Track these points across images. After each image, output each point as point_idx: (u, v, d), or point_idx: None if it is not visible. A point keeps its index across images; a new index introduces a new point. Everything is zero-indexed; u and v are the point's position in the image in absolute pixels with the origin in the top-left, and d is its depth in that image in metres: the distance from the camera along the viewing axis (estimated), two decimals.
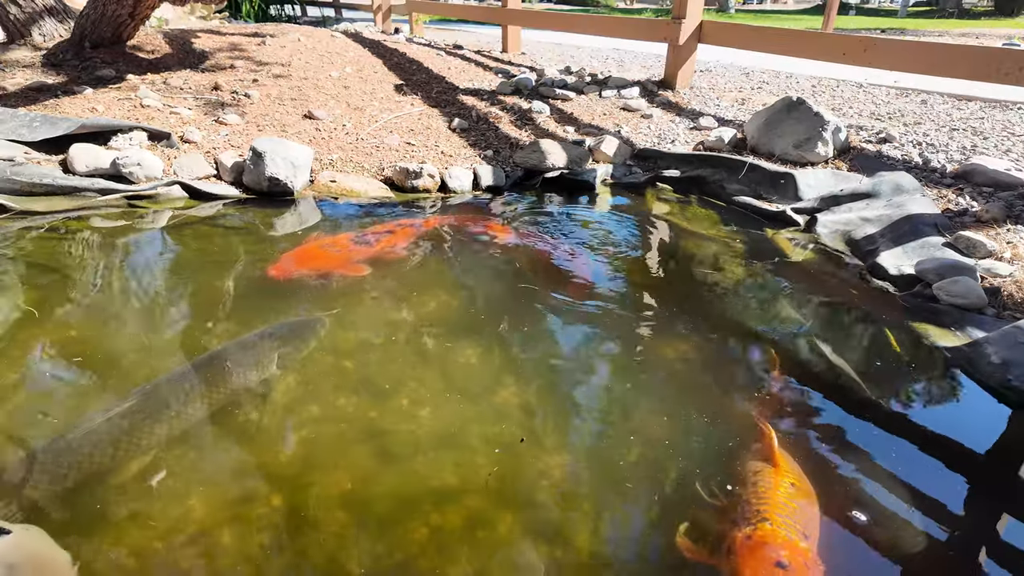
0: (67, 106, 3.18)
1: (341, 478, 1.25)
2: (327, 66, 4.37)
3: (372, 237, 2.31)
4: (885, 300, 1.97)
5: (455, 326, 1.79)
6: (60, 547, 1.04)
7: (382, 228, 2.42)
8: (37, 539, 1.04)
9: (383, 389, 1.50)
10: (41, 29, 4.06)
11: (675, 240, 2.51)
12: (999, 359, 1.54)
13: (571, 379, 1.57)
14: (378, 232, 2.36)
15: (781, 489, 1.11)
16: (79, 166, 2.62)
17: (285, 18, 11.97)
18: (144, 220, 2.46)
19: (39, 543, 1.03)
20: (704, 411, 1.44)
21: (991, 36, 9.62)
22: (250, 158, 2.68)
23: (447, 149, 3.22)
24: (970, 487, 1.24)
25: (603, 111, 3.88)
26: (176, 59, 4.15)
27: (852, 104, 3.81)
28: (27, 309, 1.79)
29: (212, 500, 1.18)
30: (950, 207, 2.37)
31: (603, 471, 1.27)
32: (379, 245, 2.26)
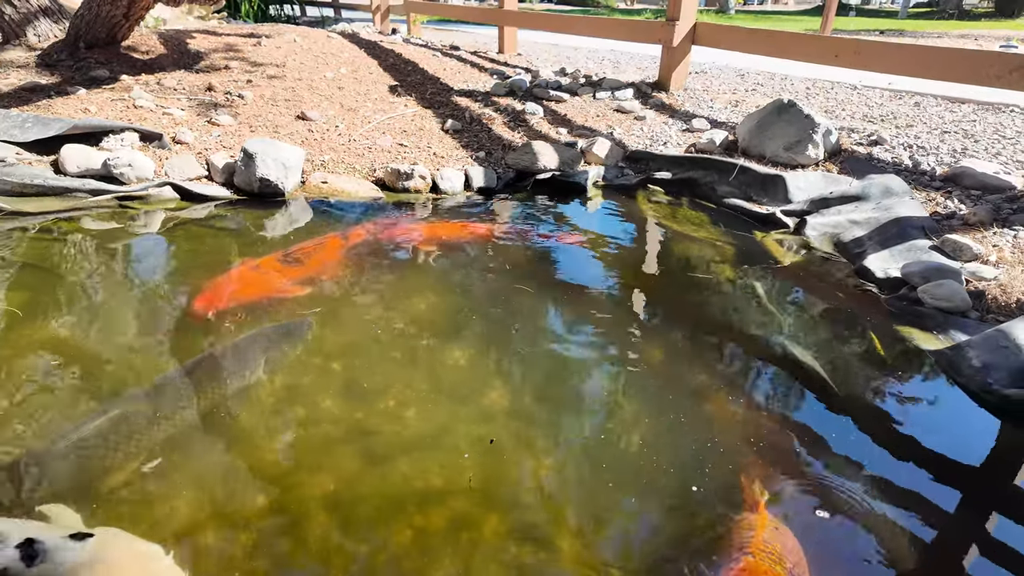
0: (60, 107, 3.18)
1: (326, 479, 1.25)
2: (322, 67, 4.38)
3: (302, 254, 2.18)
4: (871, 303, 1.98)
5: (433, 328, 1.79)
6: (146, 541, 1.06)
7: (311, 244, 2.27)
8: (123, 536, 1.06)
9: (369, 390, 1.51)
10: (36, 29, 4.07)
11: (665, 242, 2.52)
12: (980, 363, 1.54)
13: (557, 381, 1.58)
14: (307, 249, 2.23)
15: (765, 531, 1.11)
16: (70, 167, 2.63)
17: (284, 18, 11.98)
18: (135, 221, 2.47)
19: (127, 539, 1.05)
20: (688, 413, 1.44)
21: (990, 38, 9.61)
22: (241, 159, 2.69)
23: (439, 150, 3.23)
24: (950, 491, 1.24)
25: (597, 113, 3.89)
26: (171, 60, 4.16)
27: (845, 106, 3.82)
28: (10, 309, 1.80)
29: (196, 501, 1.18)
30: (938, 210, 2.38)
31: (588, 473, 1.28)
32: (311, 262, 2.14)
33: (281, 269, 2.09)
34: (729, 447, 1.34)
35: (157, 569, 1.01)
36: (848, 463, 1.30)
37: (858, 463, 1.30)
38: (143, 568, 1.01)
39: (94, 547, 0.98)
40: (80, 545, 0.97)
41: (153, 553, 1.02)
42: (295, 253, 2.18)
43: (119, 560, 0.99)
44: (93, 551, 0.97)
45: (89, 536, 0.99)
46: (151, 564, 1.01)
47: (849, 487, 1.24)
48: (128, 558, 1.01)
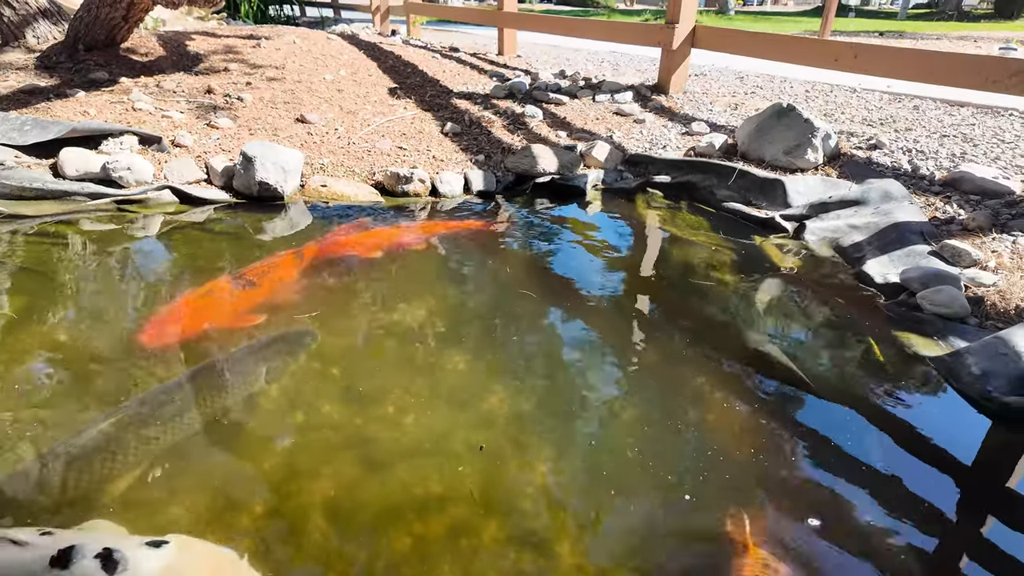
0: (59, 109, 3.18)
1: (325, 485, 1.25)
2: (321, 69, 4.38)
3: (255, 275, 2.03)
4: (870, 308, 1.98)
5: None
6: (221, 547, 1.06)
7: (264, 264, 2.12)
8: (197, 542, 1.06)
9: (369, 396, 1.50)
10: (35, 31, 4.06)
11: (664, 246, 2.52)
12: (979, 370, 1.54)
13: (556, 386, 1.58)
14: (261, 269, 2.08)
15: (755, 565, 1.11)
16: (69, 170, 2.62)
17: (283, 19, 11.98)
18: (134, 225, 2.47)
19: (202, 544, 1.06)
20: (687, 421, 1.44)
21: (989, 39, 9.62)
22: (240, 163, 2.69)
23: (439, 154, 3.23)
24: (948, 498, 1.24)
25: (596, 116, 3.89)
26: (170, 62, 4.16)
27: (845, 109, 3.82)
28: (4, 313, 1.80)
29: (195, 508, 1.18)
30: (937, 215, 2.38)
31: (588, 479, 1.28)
32: (265, 284, 1.99)
33: (234, 294, 1.92)
34: (727, 454, 1.34)
35: (236, 572, 1.01)
36: (844, 471, 1.30)
37: (855, 471, 1.30)
38: (223, 572, 1.01)
39: (172, 553, 0.98)
40: (158, 552, 0.96)
41: (230, 557, 1.03)
42: (248, 275, 2.02)
43: (199, 565, 1.00)
44: (172, 557, 0.97)
45: (165, 543, 0.99)
46: (229, 568, 1.02)
47: (845, 496, 1.24)
48: (207, 563, 1.01)
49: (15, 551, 0.92)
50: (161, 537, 1.00)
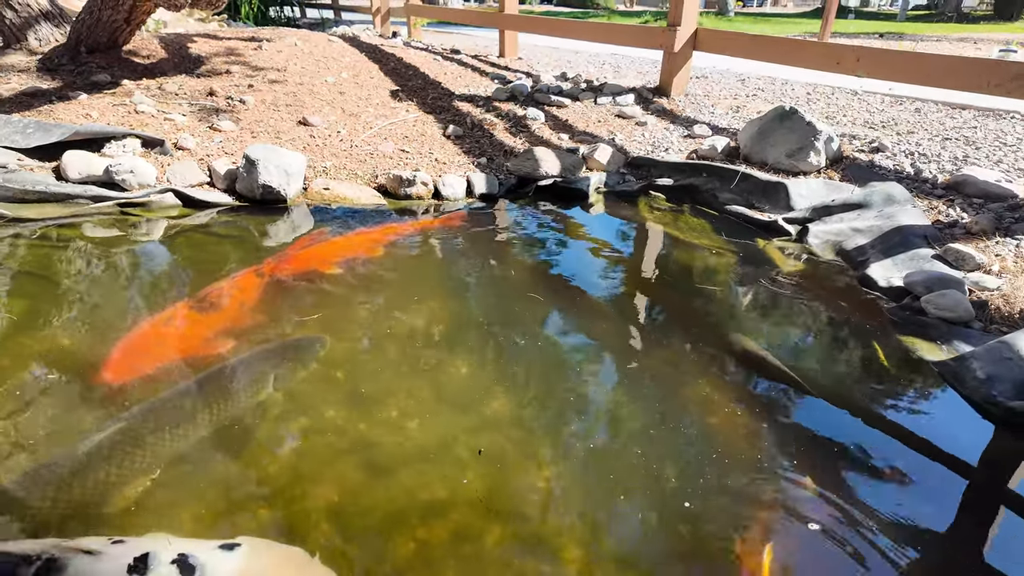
0: (61, 112, 3.18)
1: (328, 491, 1.25)
2: (323, 71, 4.38)
3: (217, 296, 1.92)
4: (874, 312, 1.98)
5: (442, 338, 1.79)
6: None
7: (225, 284, 2.00)
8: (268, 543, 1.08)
9: (373, 400, 1.50)
10: (37, 34, 4.06)
11: (667, 249, 2.52)
12: (984, 374, 1.54)
13: (560, 390, 1.58)
14: (222, 290, 1.96)
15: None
16: (72, 173, 2.62)
17: (284, 20, 11.98)
18: (137, 228, 2.47)
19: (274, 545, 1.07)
20: (692, 424, 1.44)
21: (989, 41, 9.63)
22: (243, 165, 2.69)
23: (441, 156, 3.23)
24: (953, 504, 1.24)
25: (598, 118, 3.89)
26: (172, 64, 4.16)
27: (847, 112, 3.82)
28: (7, 315, 1.80)
29: (199, 513, 1.18)
30: (940, 218, 2.38)
31: (592, 484, 1.27)
32: (229, 305, 1.89)
33: (197, 320, 1.81)
34: (732, 458, 1.34)
35: (308, 570, 1.02)
36: (848, 476, 1.30)
37: (859, 476, 1.30)
38: (297, 572, 1.02)
39: (245, 555, 0.99)
40: (231, 555, 0.98)
41: (301, 557, 1.04)
42: (209, 297, 1.91)
43: (273, 565, 1.01)
44: (245, 559, 0.99)
45: (237, 545, 1.00)
46: (304, 568, 1.03)
47: (849, 501, 1.24)
48: (281, 563, 1.02)
49: (88, 561, 0.92)
50: (232, 540, 1.02)
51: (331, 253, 2.28)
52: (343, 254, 2.28)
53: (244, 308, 1.88)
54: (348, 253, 2.30)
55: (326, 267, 2.16)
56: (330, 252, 2.29)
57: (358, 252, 2.30)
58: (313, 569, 1.03)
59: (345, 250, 2.32)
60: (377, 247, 2.35)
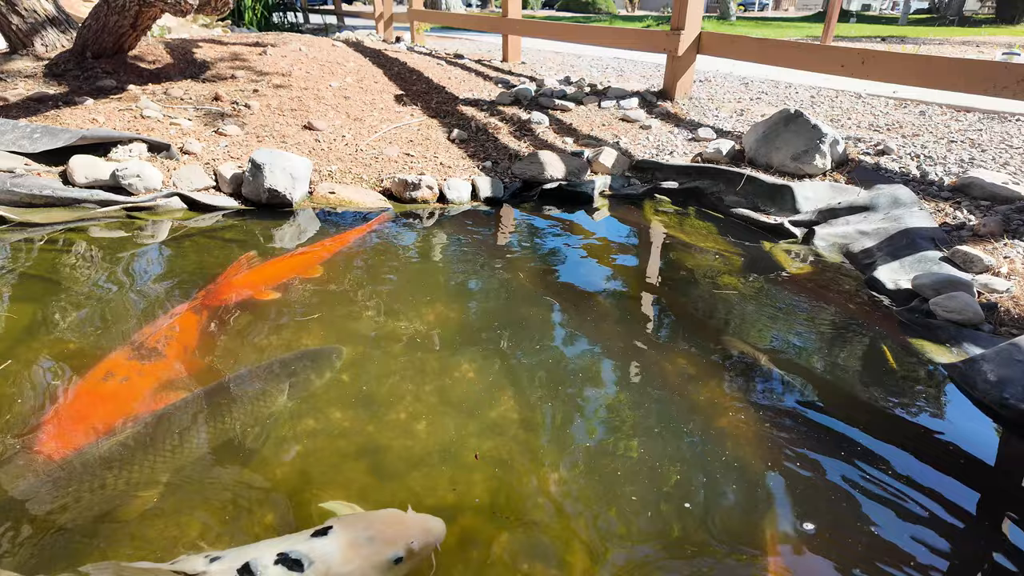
0: (68, 117, 3.19)
1: (337, 495, 1.24)
2: (327, 76, 4.39)
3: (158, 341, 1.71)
4: (882, 315, 1.97)
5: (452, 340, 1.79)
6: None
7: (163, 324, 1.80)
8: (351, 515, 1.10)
9: (379, 402, 1.50)
10: (43, 39, 4.08)
11: (672, 252, 2.51)
12: (995, 377, 1.53)
13: (567, 394, 1.57)
14: (162, 333, 1.75)
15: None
16: (79, 178, 2.63)
17: (287, 26, 12.05)
18: (143, 232, 2.47)
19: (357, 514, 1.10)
20: (700, 427, 1.44)
21: (992, 44, 9.64)
22: (249, 170, 2.69)
23: (446, 160, 3.23)
24: (966, 507, 1.23)
25: (602, 122, 3.89)
26: (177, 69, 4.17)
27: (851, 115, 3.82)
28: (15, 318, 1.80)
29: (207, 517, 1.18)
30: (947, 221, 2.38)
31: (599, 488, 1.27)
32: (172, 349, 1.68)
33: (138, 371, 1.59)
34: (740, 462, 1.33)
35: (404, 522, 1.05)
36: (858, 479, 1.29)
37: (869, 480, 1.29)
38: (394, 526, 1.04)
39: (341, 531, 1.00)
40: (328, 539, 0.98)
41: (395, 514, 1.06)
42: (149, 342, 1.70)
43: (370, 527, 1.02)
44: (344, 534, 1.00)
45: (329, 528, 1.01)
46: (403, 522, 1.05)
47: (860, 505, 1.23)
48: (375, 523, 1.04)
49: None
50: (322, 526, 1.03)
51: (266, 278, 2.10)
52: (279, 277, 2.12)
53: (188, 351, 1.69)
54: (284, 276, 2.13)
55: (263, 294, 2.00)
56: (265, 277, 2.11)
57: (294, 274, 2.15)
58: (414, 520, 1.06)
59: (280, 273, 2.14)
60: (313, 267, 2.19)
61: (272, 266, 2.20)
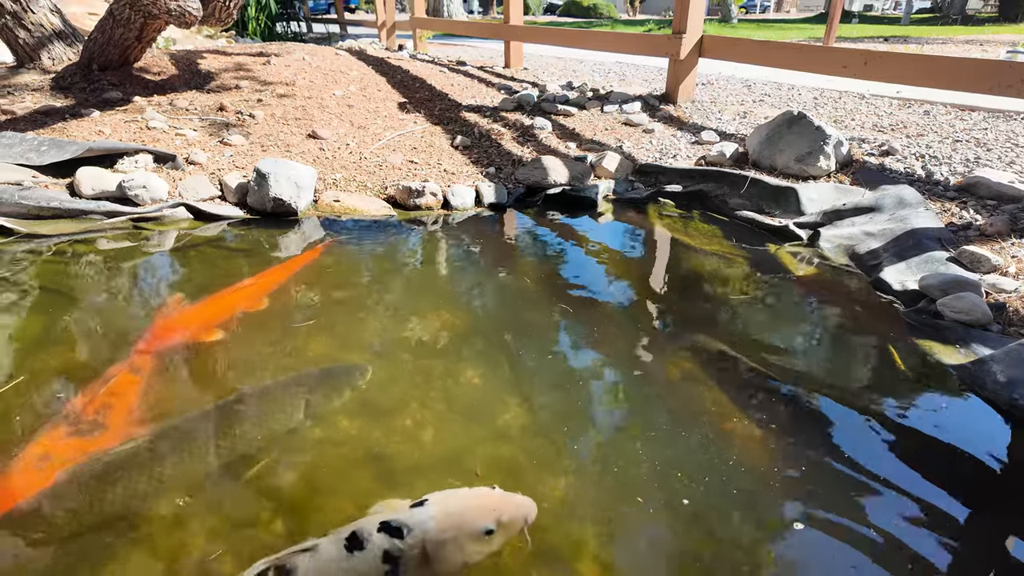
0: (75, 129, 3.22)
1: (344, 503, 1.25)
2: (331, 85, 4.42)
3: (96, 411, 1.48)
4: (889, 316, 1.96)
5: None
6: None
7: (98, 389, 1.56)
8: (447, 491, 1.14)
9: (386, 410, 1.50)
10: (50, 53, 4.13)
11: (678, 256, 2.51)
12: (1005, 377, 1.52)
13: (574, 400, 1.57)
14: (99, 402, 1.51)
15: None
16: (86, 189, 2.65)
17: (291, 35, 12.13)
18: (149, 242, 2.49)
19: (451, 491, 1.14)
20: (709, 432, 1.43)
21: (995, 43, 9.60)
22: (254, 179, 2.71)
23: (449, 167, 3.24)
24: (977, 509, 1.22)
25: (605, 126, 3.90)
26: (182, 80, 4.21)
27: (855, 116, 3.81)
28: (18, 327, 1.81)
29: (213, 526, 1.18)
30: (954, 221, 2.36)
31: (607, 494, 1.26)
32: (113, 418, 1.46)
33: (64, 447, 1.37)
34: (749, 466, 1.32)
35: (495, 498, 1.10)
36: (869, 482, 1.28)
37: (879, 482, 1.28)
38: (485, 501, 1.09)
39: (437, 505, 1.07)
40: (427, 510, 1.05)
41: (489, 493, 1.11)
42: (87, 412, 1.48)
43: (467, 506, 1.08)
44: (439, 508, 1.06)
45: (426, 500, 1.08)
46: (495, 500, 1.10)
47: (870, 507, 1.22)
48: (468, 498, 1.10)
49: (310, 557, 1.01)
50: (419, 499, 1.10)
51: (206, 317, 1.93)
52: (221, 315, 1.94)
53: (131, 419, 1.46)
54: (226, 313, 1.95)
55: (207, 334, 1.82)
56: (205, 316, 1.94)
57: (237, 309, 1.97)
58: (504, 497, 1.10)
59: (221, 311, 1.96)
60: (258, 300, 2.02)
61: (212, 304, 2.00)
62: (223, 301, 2.02)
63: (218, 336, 1.82)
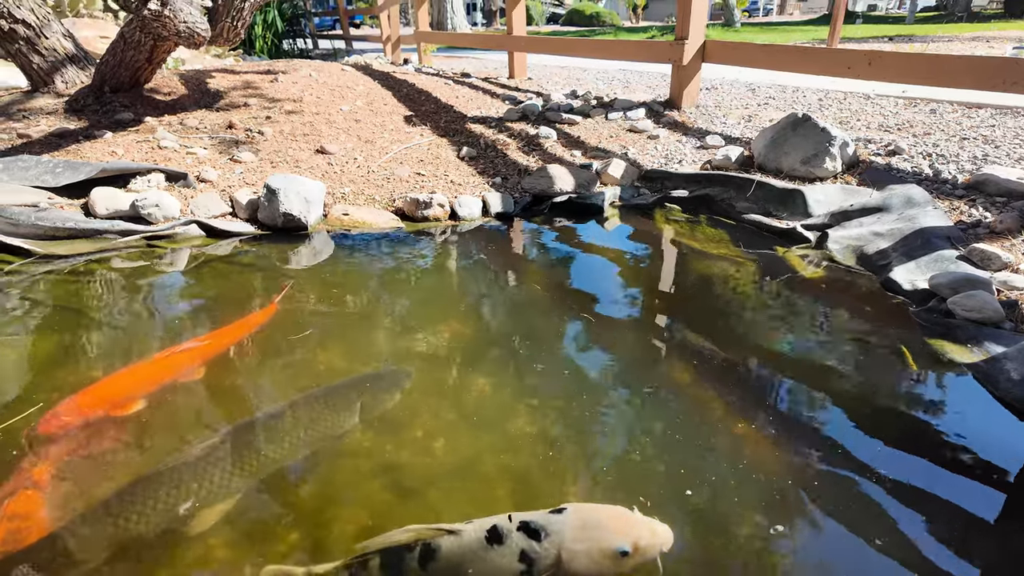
0: (88, 150, 3.28)
1: (359, 513, 1.26)
2: (338, 100, 4.47)
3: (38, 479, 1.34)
4: (900, 316, 1.95)
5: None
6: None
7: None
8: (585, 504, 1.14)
9: (397, 420, 1.52)
10: (63, 76, 4.21)
11: (685, 261, 2.51)
12: (1018, 375, 1.51)
13: (585, 407, 1.57)
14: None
15: None
16: (100, 209, 2.70)
17: (297, 52, 12.30)
18: (163, 260, 2.53)
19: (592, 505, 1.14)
20: (720, 435, 1.43)
21: (1002, 39, 9.55)
22: (264, 195, 2.75)
23: (456, 178, 3.27)
24: (992, 508, 1.21)
25: (610, 133, 3.92)
26: (192, 99, 4.28)
27: (860, 116, 3.80)
28: (35, 347, 1.85)
29: (231, 538, 1.20)
30: (963, 219, 2.35)
31: (619, 501, 1.27)
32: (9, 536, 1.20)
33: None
34: (761, 470, 1.32)
35: (633, 520, 1.09)
36: (883, 483, 1.28)
37: (893, 482, 1.28)
38: (623, 520, 1.08)
39: (575, 514, 1.07)
40: (565, 517, 1.07)
41: (624, 513, 1.10)
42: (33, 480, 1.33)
43: (601, 519, 1.08)
44: (576, 517, 1.07)
45: (564, 508, 1.09)
46: (629, 520, 1.09)
47: (884, 507, 1.21)
48: (607, 518, 1.09)
49: (454, 540, 1.05)
50: (559, 506, 1.10)
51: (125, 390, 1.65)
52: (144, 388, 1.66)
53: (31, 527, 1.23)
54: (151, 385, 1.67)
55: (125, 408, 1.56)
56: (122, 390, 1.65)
57: (165, 380, 1.69)
58: (642, 520, 1.09)
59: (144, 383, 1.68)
60: (193, 370, 1.74)
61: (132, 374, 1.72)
62: (151, 369, 1.74)
63: (138, 406, 1.57)
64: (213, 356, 1.83)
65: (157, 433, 1.51)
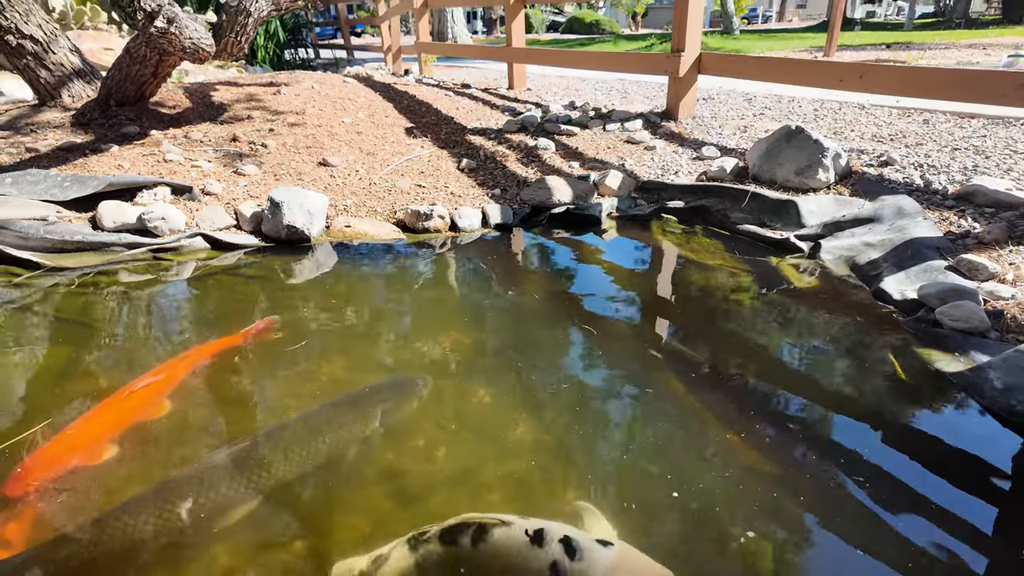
0: (95, 164, 3.34)
1: (360, 521, 1.30)
2: (340, 112, 4.54)
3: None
4: (890, 325, 2.00)
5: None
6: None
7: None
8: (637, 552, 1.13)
9: (399, 429, 1.56)
10: (70, 91, 4.29)
11: (681, 271, 2.56)
12: (1002, 384, 1.55)
13: (583, 417, 1.62)
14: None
15: None
16: (107, 222, 2.76)
17: (299, 62, 12.41)
18: (168, 272, 2.58)
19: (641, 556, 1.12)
20: (715, 443, 1.47)
21: (999, 46, 9.62)
22: (268, 208, 2.80)
23: (456, 189, 3.33)
24: (979, 516, 1.25)
25: (607, 144, 3.97)
26: (196, 112, 4.35)
27: (854, 126, 3.86)
28: (44, 359, 1.89)
29: (234, 547, 1.23)
30: (952, 229, 2.40)
31: (619, 510, 1.31)
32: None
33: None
34: (756, 477, 1.36)
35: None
36: (870, 490, 1.32)
37: (881, 491, 1.32)
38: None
39: (617, 555, 1.09)
40: (607, 551, 1.08)
41: (664, 572, 1.09)
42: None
43: (639, 567, 1.09)
44: (617, 558, 1.08)
45: (611, 544, 1.10)
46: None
47: (872, 515, 1.25)
48: (645, 569, 1.09)
49: (504, 529, 1.12)
50: (607, 539, 1.12)
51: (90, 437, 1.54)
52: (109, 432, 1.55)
53: None
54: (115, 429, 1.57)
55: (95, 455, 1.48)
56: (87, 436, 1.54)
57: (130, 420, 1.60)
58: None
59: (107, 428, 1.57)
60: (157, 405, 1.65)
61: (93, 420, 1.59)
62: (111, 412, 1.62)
63: (110, 452, 1.49)
64: (176, 387, 1.74)
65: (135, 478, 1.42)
